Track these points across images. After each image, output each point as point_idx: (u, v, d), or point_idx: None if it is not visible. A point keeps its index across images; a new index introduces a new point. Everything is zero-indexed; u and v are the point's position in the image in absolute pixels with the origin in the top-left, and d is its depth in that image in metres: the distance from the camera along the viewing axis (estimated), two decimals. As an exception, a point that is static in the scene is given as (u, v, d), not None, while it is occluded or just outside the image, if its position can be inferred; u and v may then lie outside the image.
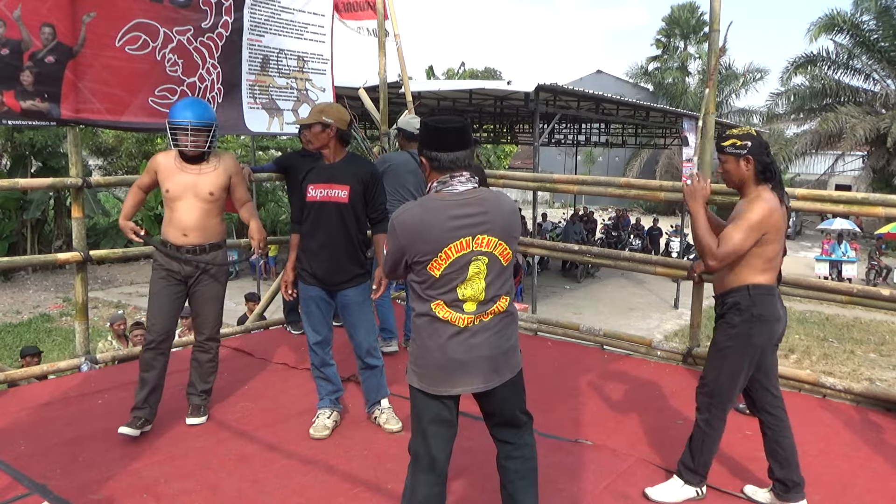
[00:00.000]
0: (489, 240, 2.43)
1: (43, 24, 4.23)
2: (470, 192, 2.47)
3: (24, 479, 3.24)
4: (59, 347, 12.39)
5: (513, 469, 2.60)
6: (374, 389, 3.97)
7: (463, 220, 2.41)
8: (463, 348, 2.46)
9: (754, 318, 3.07)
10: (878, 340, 13.73)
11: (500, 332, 2.53)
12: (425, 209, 2.44)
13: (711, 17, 5.05)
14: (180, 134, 3.73)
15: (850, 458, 3.71)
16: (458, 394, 2.51)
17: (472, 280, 2.43)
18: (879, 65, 27.55)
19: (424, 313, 2.48)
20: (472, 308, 2.45)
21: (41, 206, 18.99)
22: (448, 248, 2.39)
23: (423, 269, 2.43)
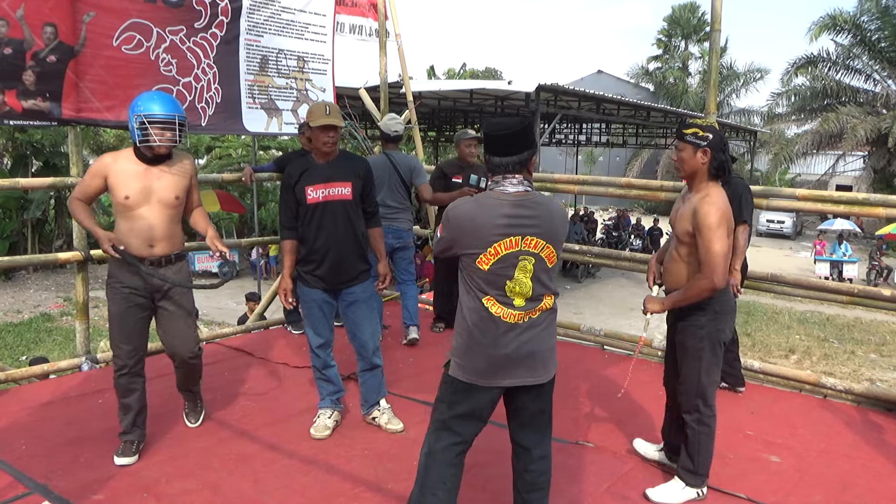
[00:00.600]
0: (537, 241, 2.51)
1: (45, 24, 4.24)
2: (522, 195, 2.53)
3: (25, 478, 3.24)
4: (60, 347, 12.39)
5: (530, 480, 2.68)
6: (375, 390, 3.97)
7: (513, 220, 2.49)
8: (514, 343, 2.54)
9: (718, 313, 3.12)
10: (879, 341, 13.72)
11: (546, 329, 2.63)
12: (479, 205, 2.53)
13: (713, 17, 5.06)
14: (153, 128, 3.31)
15: (851, 458, 3.71)
16: (505, 386, 2.57)
17: (519, 278, 2.50)
18: (880, 65, 27.54)
19: (475, 308, 2.55)
20: (521, 304, 2.53)
21: (42, 205, 18.98)
22: (497, 244, 2.47)
23: (472, 262, 2.51)
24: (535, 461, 2.68)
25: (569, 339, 5.74)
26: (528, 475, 2.68)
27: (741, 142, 29.06)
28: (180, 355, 3.66)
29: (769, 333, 14.10)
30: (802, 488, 3.36)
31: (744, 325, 14.52)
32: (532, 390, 2.62)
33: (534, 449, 2.68)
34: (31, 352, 12.11)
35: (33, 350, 12.24)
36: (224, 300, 16.20)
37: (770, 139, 30.35)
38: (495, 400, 2.63)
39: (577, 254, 6.36)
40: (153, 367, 5.00)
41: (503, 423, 2.80)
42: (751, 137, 25.59)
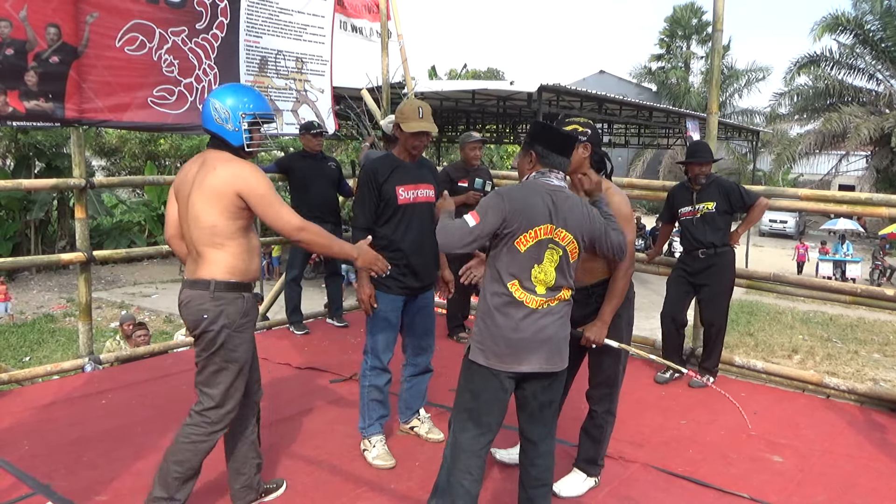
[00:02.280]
0: (566, 235, 2.63)
1: (48, 25, 4.24)
2: (561, 189, 2.67)
3: (28, 479, 3.25)
4: (63, 348, 12.40)
5: (535, 476, 2.76)
6: (421, 395, 3.87)
7: (553, 208, 2.60)
8: (533, 328, 2.61)
9: (628, 300, 3.23)
10: (882, 341, 13.69)
11: (563, 319, 2.71)
12: (529, 188, 2.64)
13: (714, 17, 5.07)
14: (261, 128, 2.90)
15: (853, 458, 3.71)
16: (523, 371, 2.63)
17: (545, 265, 2.61)
18: (883, 65, 27.47)
19: (499, 293, 2.62)
20: (542, 291, 2.62)
21: (45, 206, 19.01)
22: (538, 227, 2.58)
23: (510, 242, 2.58)
24: (542, 455, 2.75)
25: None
26: (533, 470, 2.75)
27: (744, 142, 29.00)
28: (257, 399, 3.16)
29: (772, 333, 14.07)
30: (805, 488, 3.36)
31: (747, 324, 14.50)
32: (544, 380, 2.69)
33: (540, 443, 2.75)
34: (34, 353, 12.13)
35: (36, 351, 12.25)
36: (226, 301, 16.21)
37: (773, 139, 30.28)
38: (511, 389, 2.68)
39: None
40: (159, 367, 5.02)
41: (508, 425, 2.80)
42: (753, 137, 25.52)
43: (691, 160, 4.71)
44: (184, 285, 2.81)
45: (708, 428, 4.07)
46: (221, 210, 2.69)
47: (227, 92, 2.82)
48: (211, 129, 2.80)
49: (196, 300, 2.74)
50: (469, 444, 2.67)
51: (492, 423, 2.68)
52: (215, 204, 2.68)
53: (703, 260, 4.67)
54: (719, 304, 4.73)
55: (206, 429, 2.80)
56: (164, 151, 24.65)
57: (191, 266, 2.82)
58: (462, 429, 2.69)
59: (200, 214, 2.71)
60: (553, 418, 2.79)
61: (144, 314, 14.42)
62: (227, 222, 2.71)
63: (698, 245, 4.68)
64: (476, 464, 2.67)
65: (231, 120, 2.76)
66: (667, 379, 4.67)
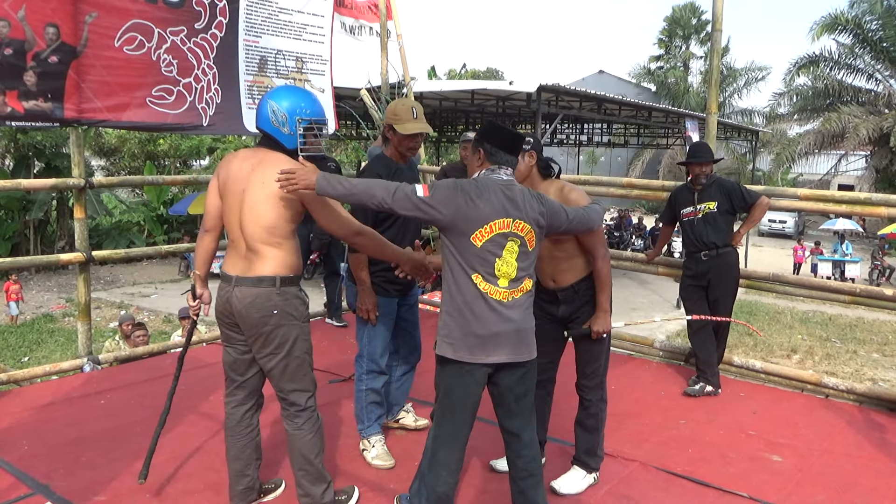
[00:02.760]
0: (524, 225, 2.67)
1: (47, 24, 4.23)
2: (512, 183, 2.73)
3: (28, 479, 3.25)
4: (62, 348, 12.39)
5: (522, 467, 2.79)
6: (406, 392, 3.90)
7: (507, 202, 2.65)
8: (499, 319, 2.65)
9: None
10: (882, 340, 13.69)
11: (527, 310, 2.75)
12: (482, 184, 2.67)
13: (714, 17, 5.07)
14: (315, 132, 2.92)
15: (853, 457, 3.71)
16: (492, 363, 2.66)
17: (506, 258, 2.65)
18: (882, 64, 27.48)
19: (464, 285, 2.65)
20: (505, 284, 2.66)
21: (44, 206, 19.02)
22: (494, 222, 2.61)
23: (466, 238, 2.61)
24: (526, 446, 2.80)
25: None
26: (520, 461, 2.79)
27: (743, 142, 29.02)
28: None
29: (771, 333, 14.08)
30: (804, 488, 3.36)
31: (746, 325, 14.50)
32: (516, 372, 2.73)
33: (522, 434, 2.79)
34: (33, 353, 12.12)
35: (35, 351, 12.24)
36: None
37: (772, 139, 30.31)
38: (483, 382, 2.72)
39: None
40: (158, 367, 5.02)
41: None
42: (753, 137, 25.54)
43: (691, 160, 4.71)
44: (238, 283, 2.77)
45: (707, 427, 4.07)
46: (283, 211, 2.73)
47: (286, 95, 2.83)
48: (266, 129, 2.83)
49: (262, 297, 2.74)
50: (446, 439, 2.74)
51: (466, 418, 2.73)
52: (278, 205, 2.72)
53: (706, 261, 4.66)
54: (724, 305, 4.73)
55: (315, 414, 2.91)
56: (163, 151, 24.66)
57: (238, 262, 2.81)
58: (439, 424, 2.77)
59: (263, 213, 2.73)
60: (531, 409, 2.84)
61: (143, 314, 14.41)
62: (286, 223, 2.76)
63: (700, 245, 4.67)
64: (454, 457, 2.74)
65: (288, 123, 2.79)
66: (697, 391, 4.58)
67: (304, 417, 2.87)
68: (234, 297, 2.77)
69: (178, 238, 21.30)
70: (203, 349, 5.58)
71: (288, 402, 2.88)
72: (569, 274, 3.22)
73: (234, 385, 2.97)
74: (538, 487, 2.81)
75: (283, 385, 2.85)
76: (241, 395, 2.97)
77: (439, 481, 2.73)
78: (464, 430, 2.75)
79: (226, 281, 2.82)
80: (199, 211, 18.67)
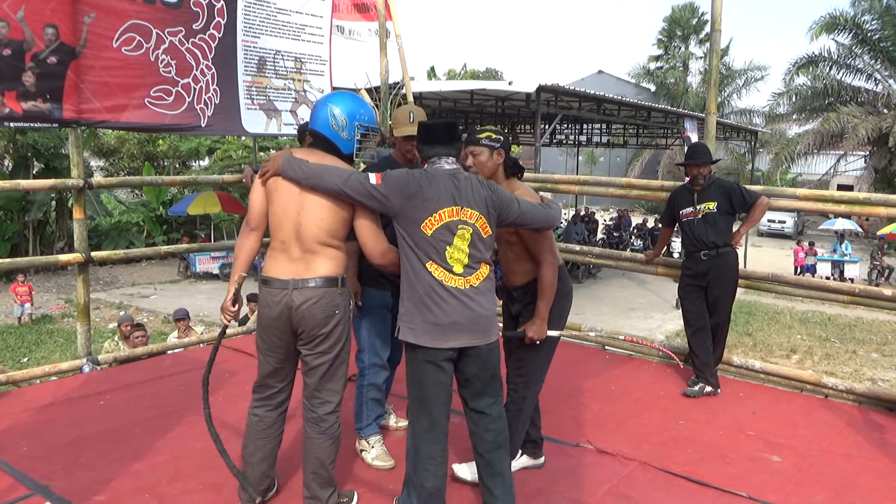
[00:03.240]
0: (472, 213, 2.75)
1: (46, 25, 4.24)
2: (457, 171, 2.81)
3: (27, 479, 3.25)
4: (62, 349, 12.39)
5: (490, 440, 2.86)
6: (388, 393, 3.89)
7: (455, 191, 2.73)
8: (457, 307, 2.72)
9: (565, 294, 3.30)
10: (881, 340, 13.70)
11: (486, 296, 2.81)
12: (430, 174, 2.75)
13: (713, 18, 5.07)
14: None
15: (852, 458, 3.71)
16: (451, 347, 2.73)
17: (457, 244, 2.72)
18: (881, 64, 27.51)
19: (420, 272, 2.73)
20: (459, 270, 2.74)
21: (43, 207, 19.01)
22: (442, 210, 2.70)
23: (416, 227, 2.69)
24: (494, 420, 2.87)
25: (569, 340, 5.73)
26: (488, 435, 2.86)
27: (742, 142, 29.04)
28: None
29: (770, 333, 14.09)
30: (804, 488, 3.36)
31: (745, 324, 14.51)
32: (481, 358, 2.80)
33: (490, 410, 2.87)
34: (33, 354, 12.12)
35: (34, 352, 12.25)
36: (225, 301, 16.19)
37: (771, 139, 30.33)
38: (450, 371, 2.78)
39: (578, 254, 6.36)
40: (158, 367, 5.02)
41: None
42: (752, 137, 25.56)
43: (689, 162, 4.72)
44: (298, 285, 2.76)
45: (706, 428, 4.07)
46: (342, 214, 2.79)
47: (346, 100, 2.92)
48: (324, 132, 2.88)
49: (328, 296, 2.78)
50: (426, 432, 2.78)
51: (441, 407, 2.78)
52: (337, 211, 2.78)
53: (705, 261, 4.66)
54: (723, 305, 4.73)
55: (339, 421, 2.93)
56: (162, 152, 24.66)
57: (289, 265, 2.79)
58: (416, 419, 2.81)
59: (325, 215, 2.77)
60: (499, 387, 2.91)
61: (143, 315, 14.42)
62: (344, 226, 2.82)
63: (700, 245, 4.67)
64: (437, 448, 2.79)
65: (347, 128, 2.88)
66: (696, 392, 4.58)
67: (330, 422, 2.89)
68: (294, 300, 2.76)
69: (178, 239, 21.30)
70: (201, 350, 5.58)
71: (319, 401, 2.88)
72: (520, 275, 3.29)
73: (272, 391, 2.96)
74: (505, 458, 2.90)
75: (323, 384, 2.87)
76: (279, 399, 2.98)
77: (427, 476, 2.77)
78: (441, 420, 2.79)
79: (277, 286, 2.80)
80: (199, 211, 18.69)
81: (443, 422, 2.81)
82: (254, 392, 3.01)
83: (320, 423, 2.89)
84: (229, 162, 22.87)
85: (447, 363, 2.76)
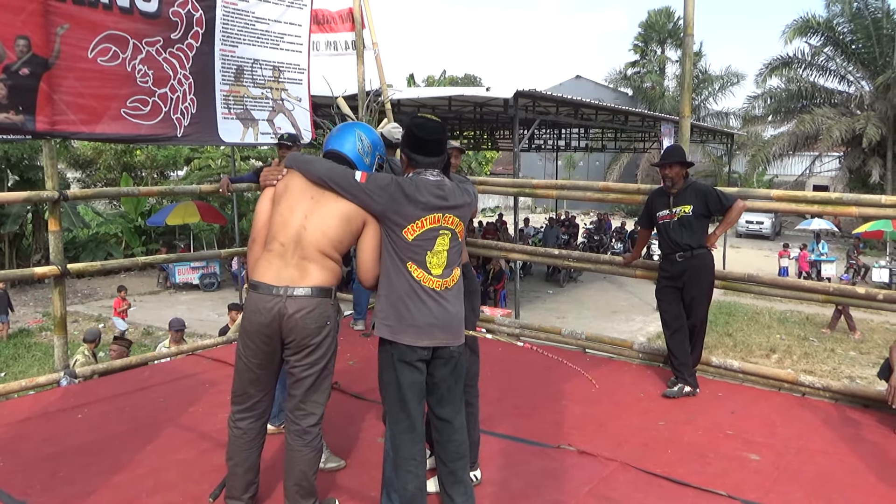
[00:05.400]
0: (453, 219, 2.85)
1: (17, 37, 4.20)
2: (441, 181, 2.86)
3: (4, 495, 3.21)
4: (39, 363, 12.25)
5: (454, 450, 2.91)
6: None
7: (438, 199, 2.80)
8: (434, 310, 2.79)
9: (472, 292, 3.34)
10: (858, 338, 13.88)
11: (458, 298, 2.90)
12: (414, 183, 2.80)
13: (685, 22, 5.13)
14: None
15: (828, 454, 3.76)
16: (427, 346, 2.78)
17: (438, 250, 2.81)
18: (854, 66, 27.94)
19: (400, 272, 2.79)
20: (438, 272, 2.81)
21: (18, 219, 18.79)
22: (424, 218, 2.77)
23: (398, 232, 2.77)
24: (457, 430, 2.92)
25: (550, 343, 5.75)
26: (451, 445, 2.91)
27: (719, 144, 29.34)
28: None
29: (750, 333, 14.23)
30: (782, 485, 3.40)
31: (725, 325, 14.64)
32: (450, 362, 2.86)
33: (454, 420, 2.92)
34: (10, 368, 11.97)
35: (12, 367, 12.09)
36: (206, 311, 16.10)
37: (747, 141, 30.66)
38: (424, 370, 2.83)
39: (559, 258, 6.39)
40: (137, 379, 4.98)
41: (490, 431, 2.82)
42: (728, 140, 25.83)
43: (661, 162, 4.79)
44: (292, 292, 2.76)
45: (686, 428, 4.11)
46: (349, 230, 2.84)
47: (371, 131, 3.09)
48: (349, 154, 2.95)
49: (322, 307, 2.80)
50: (405, 433, 2.81)
51: (416, 406, 2.82)
52: (347, 224, 2.82)
53: (681, 263, 4.70)
54: (699, 306, 4.77)
55: (321, 433, 2.94)
56: (139, 162, 24.46)
57: (284, 271, 2.79)
58: (395, 420, 2.84)
59: (333, 225, 2.81)
60: (461, 397, 2.97)
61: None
62: (350, 240, 2.87)
63: (675, 248, 4.71)
64: (417, 448, 2.83)
65: (370, 155, 3.02)
66: (675, 393, 4.61)
67: (313, 434, 2.89)
68: (288, 308, 2.75)
69: (157, 249, 21.12)
70: (181, 360, 5.54)
71: (303, 413, 2.87)
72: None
73: (253, 401, 2.94)
74: (466, 468, 2.97)
75: (308, 396, 2.87)
76: (260, 409, 2.97)
77: (409, 477, 2.80)
78: (419, 419, 2.83)
79: (268, 291, 2.78)
80: (178, 222, 18.56)
81: (420, 422, 2.85)
82: (233, 402, 2.98)
83: (304, 436, 2.87)
84: (208, 171, 22.73)
85: (421, 363, 2.80)
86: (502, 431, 3.94)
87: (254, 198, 21.14)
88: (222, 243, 22.16)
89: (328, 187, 2.82)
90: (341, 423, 4.03)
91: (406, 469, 2.81)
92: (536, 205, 41.64)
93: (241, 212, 18.90)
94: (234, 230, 17.77)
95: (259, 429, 2.99)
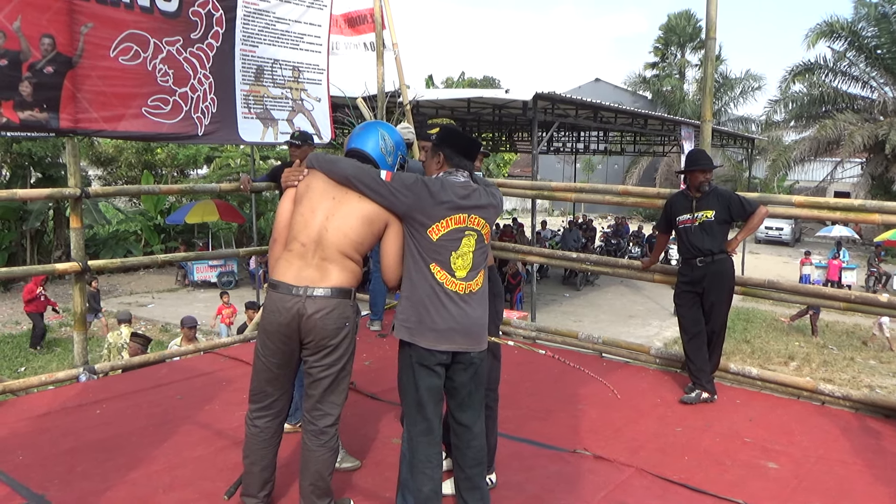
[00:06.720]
0: (479, 220, 2.84)
1: (43, 35, 4.25)
2: (468, 182, 2.86)
3: (23, 489, 3.24)
4: (59, 358, 12.38)
5: (472, 456, 2.91)
6: None
7: (464, 200, 2.80)
8: (456, 314, 2.77)
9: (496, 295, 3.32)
10: (878, 347, 13.72)
11: (481, 303, 2.88)
12: (441, 182, 2.80)
13: (707, 25, 5.09)
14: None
15: (848, 464, 3.71)
16: (447, 350, 2.77)
17: (463, 251, 2.79)
18: (877, 72, 27.63)
19: (423, 273, 2.77)
20: (462, 275, 2.80)
21: (40, 216, 19.01)
22: (448, 219, 2.76)
23: (423, 231, 2.75)
24: (476, 437, 2.91)
25: (567, 347, 5.73)
26: (470, 451, 2.91)
27: (739, 149, 29.14)
28: None
29: (768, 340, 14.11)
30: (800, 494, 3.36)
31: (743, 332, 14.52)
32: (471, 366, 2.84)
33: (473, 426, 2.91)
34: (30, 363, 12.11)
35: (31, 361, 12.23)
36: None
37: (768, 146, 30.41)
38: (443, 374, 2.82)
39: (576, 261, 6.37)
40: (154, 376, 5.01)
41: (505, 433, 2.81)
42: (748, 144, 25.64)
43: (695, 167, 4.69)
44: (311, 293, 2.76)
45: (703, 434, 4.07)
46: (371, 231, 2.84)
47: (394, 131, 3.11)
48: (372, 153, 2.97)
49: (341, 308, 2.80)
50: (423, 435, 2.82)
51: (434, 409, 2.82)
52: (369, 225, 2.82)
53: (701, 268, 4.66)
54: (719, 312, 4.72)
55: (338, 433, 2.95)
56: (160, 161, 24.69)
57: (304, 272, 2.79)
58: (412, 423, 2.84)
59: (355, 226, 2.81)
60: (481, 402, 2.96)
61: (141, 324, 14.39)
62: (371, 241, 2.87)
63: (696, 252, 4.67)
64: (434, 451, 2.83)
65: (392, 154, 3.04)
66: (693, 399, 4.56)
67: (330, 434, 2.90)
68: (307, 308, 2.75)
69: (176, 247, 21.28)
70: (198, 358, 5.58)
71: (321, 413, 2.88)
72: None
73: (271, 400, 2.95)
74: (483, 474, 2.96)
75: (325, 397, 2.87)
76: (277, 408, 2.98)
77: (424, 479, 2.80)
78: (436, 422, 2.83)
79: (287, 291, 2.78)
80: (196, 220, 18.69)
81: (438, 425, 2.85)
82: (251, 401, 3.00)
83: (320, 436, 2.88)
84: (228, 170, 22.88)
85: (440, 367, 2.79)
86: (517, 434, 3.93)
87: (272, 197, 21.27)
88: (240, 242, 22.29)
89: (353, 186, 2.81)
90: (357, 424, 4.04)
91: (422, 471, 2.81)
92: (554, 208, 41.52)
93: (259, 211, 19.01)
94: (252, 229, 17.87)
95: (276, 427, 3.00)
